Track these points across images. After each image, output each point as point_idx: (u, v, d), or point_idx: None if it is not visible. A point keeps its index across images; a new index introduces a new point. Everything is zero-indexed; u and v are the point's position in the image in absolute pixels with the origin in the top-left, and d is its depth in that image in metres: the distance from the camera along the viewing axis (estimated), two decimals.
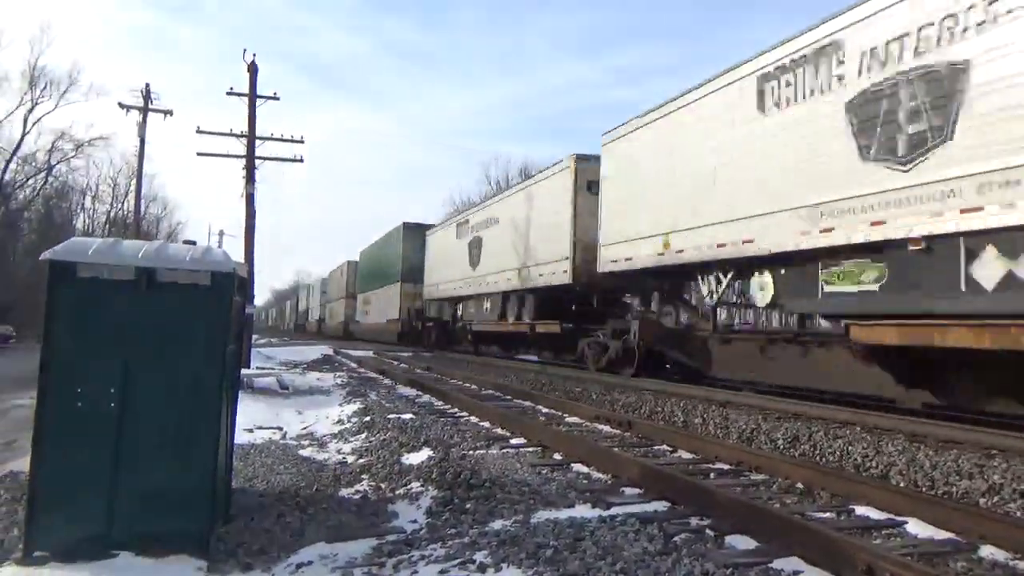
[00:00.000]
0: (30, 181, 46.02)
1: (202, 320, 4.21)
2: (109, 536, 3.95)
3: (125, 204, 51.68)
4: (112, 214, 53.57)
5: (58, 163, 45.93)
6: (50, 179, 46.90)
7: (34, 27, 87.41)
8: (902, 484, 5.77)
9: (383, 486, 5.84)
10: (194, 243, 4.92)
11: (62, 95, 43.63)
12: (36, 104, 42.91)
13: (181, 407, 4.13)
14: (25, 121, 42.62)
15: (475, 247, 24.26)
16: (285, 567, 4.03)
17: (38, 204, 48.41)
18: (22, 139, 42.94)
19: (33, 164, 44.46)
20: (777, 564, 3.79)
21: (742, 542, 4.19)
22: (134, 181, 32.46)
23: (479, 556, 3.93)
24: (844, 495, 5.26)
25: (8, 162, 42.51)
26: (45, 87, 43.26)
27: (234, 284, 4.40)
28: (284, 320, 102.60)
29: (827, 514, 4.88)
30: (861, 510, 4.93)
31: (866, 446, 6.68)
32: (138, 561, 3.91)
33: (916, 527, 4.50)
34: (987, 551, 4.06)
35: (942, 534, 4.35)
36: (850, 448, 6.73)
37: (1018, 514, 4.88)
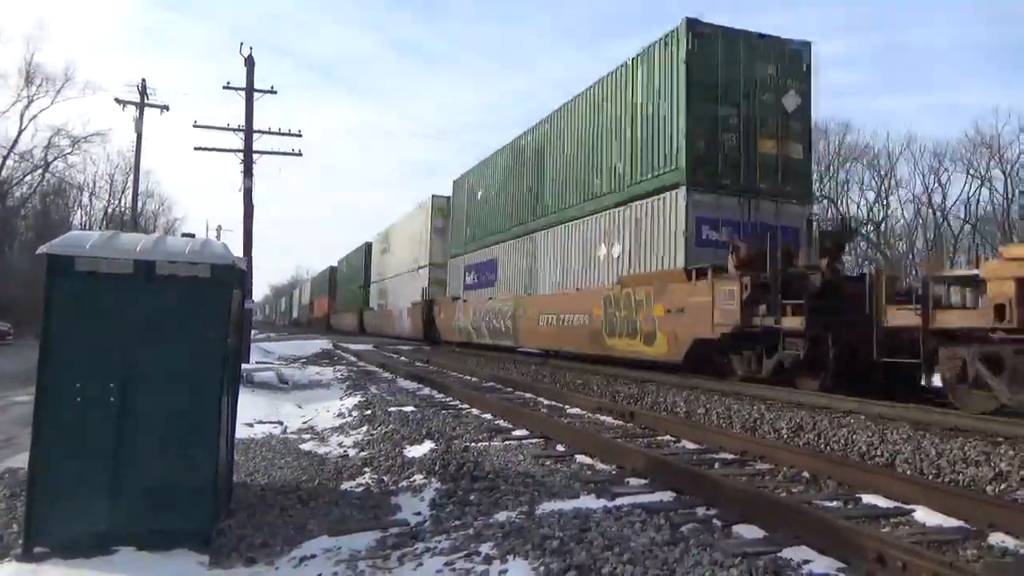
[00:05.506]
0: (27, 178, 45.68)
1: (202, 313, 4.15)
2: (110, 532, 3.91)
3: (123, 200, 51.26)
4: (110, 211, 53.12)
5: (55, 160, 45.56)
6: (47, 176, 46.61)
7: (30, 24, 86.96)
8: (908, 472, 5.74)
9: (386, 479, 5.79)
10: (193, 236, 4.86)
11: (58, 91, 43.37)
12: (32, 100, 42.63)
13: (182, 401, 4.07)
14: (22, 117, 42.36)
15: None
16: (288, 560, 3.98)
17: (35, 201, 48.15)
18: (19, 135, 42.63)
19: (30, 161, 44.08)
20: (786, 553, 3.74)
21: (750, 531, 4.16)
22: (131, 177, 32.36)
23: (484, 548, 3.88)
24: (851, 484, 5.22)
25: (5, 158, 42.13)
26: (41, 83, 42.93)
27: (234, 277, 4.35)
28: (280, 315, 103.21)
29: (834, 503, 4.84)
30: (868, 498, 4.90)
31: (871, 435, 6.65)
32: (140, 556, 3.86)
33: (924, 515, 4.47)
34: (997, 538, 4.03)
35: (951, 522, 4.32)
36: (855, 437, 6.70)
37: None
